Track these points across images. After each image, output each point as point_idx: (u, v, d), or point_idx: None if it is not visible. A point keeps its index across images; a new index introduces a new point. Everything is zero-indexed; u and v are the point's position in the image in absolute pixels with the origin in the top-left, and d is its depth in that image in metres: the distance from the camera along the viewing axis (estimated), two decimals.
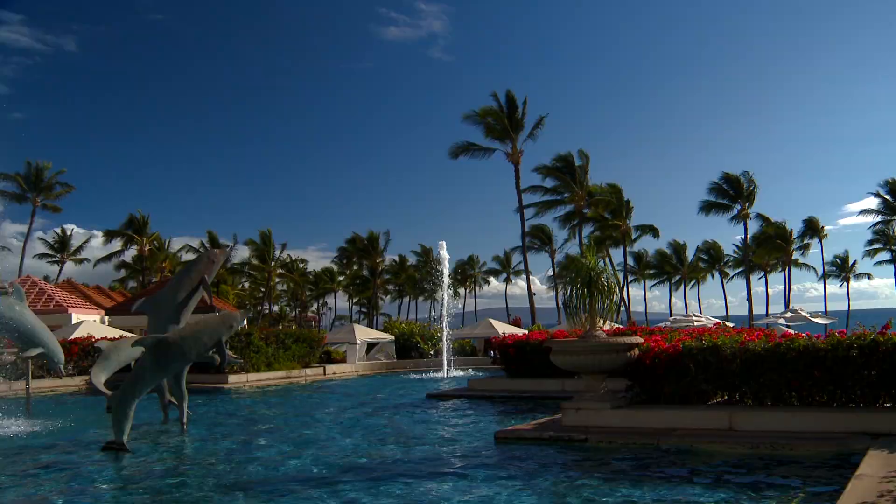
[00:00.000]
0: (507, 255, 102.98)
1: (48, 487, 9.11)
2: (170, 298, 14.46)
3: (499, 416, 15.75)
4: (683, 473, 8.84)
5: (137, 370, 12.05)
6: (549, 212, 69.06)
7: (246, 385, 25.64)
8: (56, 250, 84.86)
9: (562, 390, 17.88)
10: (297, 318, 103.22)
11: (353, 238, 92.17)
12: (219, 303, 49.28)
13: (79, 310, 44.01)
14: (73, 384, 25.20)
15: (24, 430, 14.24)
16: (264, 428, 14.73)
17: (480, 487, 8.44)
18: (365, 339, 38.51)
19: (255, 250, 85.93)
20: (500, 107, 62.17)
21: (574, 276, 12.81)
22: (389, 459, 10.61)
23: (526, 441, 11.45)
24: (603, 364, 12.03)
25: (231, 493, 8.55)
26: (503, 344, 21.95)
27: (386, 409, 17.59)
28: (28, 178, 72.83)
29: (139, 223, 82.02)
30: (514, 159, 62.28)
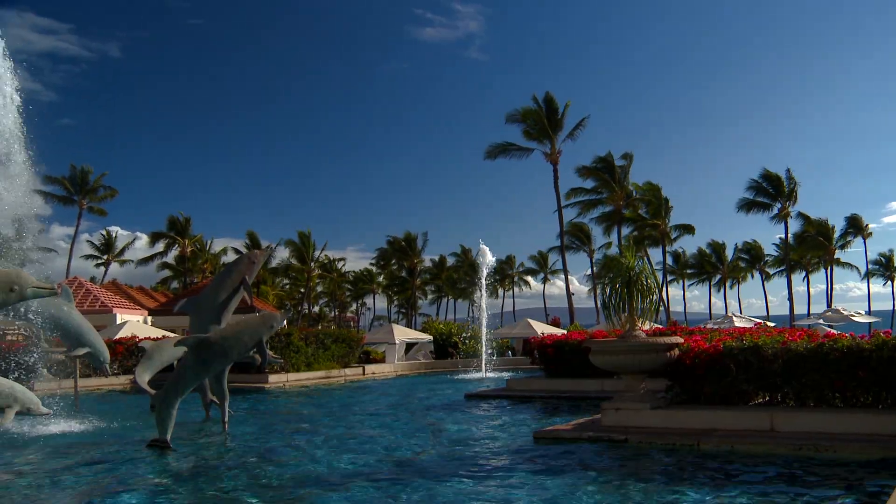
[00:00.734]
0: (542, 255, 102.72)
1: (95, 483, 9.29)
2: (211, 299, 14.62)
3: (538, 416, 15.73)
4: (724, 475, 8.74)
5: (180, 370, 12.18)
6: (588, 212, 68.82)
7: (286, 385, 25.86)
8: (101, 252, 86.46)
9: (601, 390, 17.81)
10: (336, 318, 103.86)
11: (392, 239, 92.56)
12: (259, 303, 49.82)
13: (123, 310, 44.74)
14: (118, 383, 25.61)
15: (73, 428, 14.51)
16: (304, 427, 14.85)
17: (519, 487, 8.43)
18: (404, 339, 38.64)
19: (294, 251, 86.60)
20: (540, 107, 62.02)
21: (613, 275, 12.77)
22: (428, 459, 10.65)
23: (565, 441, 11.42)
24: (642, 364, 11.97)
25: (271, 491, 8.65)
26: (542, 344, 21.91)
27: (425, 409, 17.64)
28: (73, 181, 74.38)
29: (181, 225, 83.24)
30: (553, 159, 62.07)
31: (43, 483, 9.56)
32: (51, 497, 8.70)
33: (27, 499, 8.57)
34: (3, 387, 12.28)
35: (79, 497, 8.59)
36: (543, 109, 61.89)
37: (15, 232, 15.94)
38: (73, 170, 74.32)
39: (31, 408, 12.68)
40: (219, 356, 11.91)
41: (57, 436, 13.69)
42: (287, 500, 8.22)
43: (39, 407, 12.89)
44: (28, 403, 12.61)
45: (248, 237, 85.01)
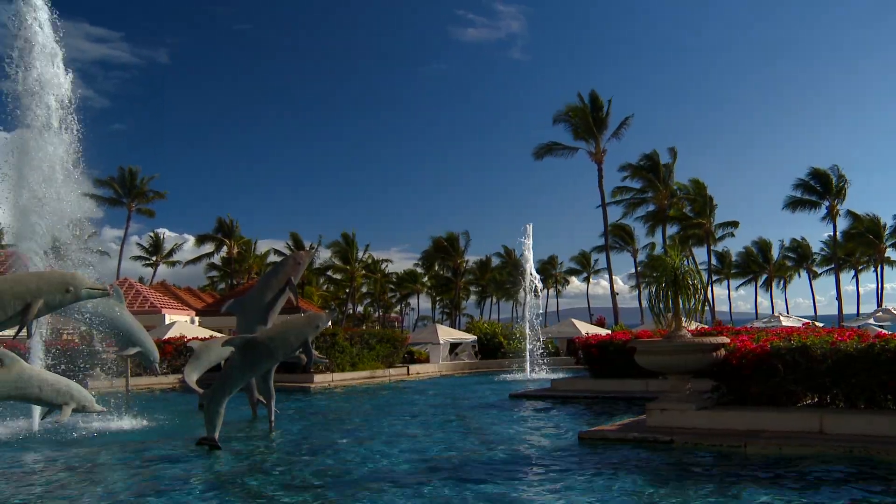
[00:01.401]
0: (584, 255, 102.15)
1: (146, 480, 9.51)
2: (257, 300, 14.83)
3: (582, 417, 15.70)
4: (772, 477, 8.66)
5: (227, 369, 12.36)
6: (632, 211, 68.34)
7: (331, 384, 26.06)
8: (150, 253, 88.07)
9: (646, 391, 17.72)
10: (381, 318, 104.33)
11: (435, 239, 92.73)
12: (304, 304, 50.28)
13: (171, 311, 45.51)
14: (167, 382, 26.01)
15: (125, 425, 14.82)
16: (349, 426, 14.98)
17: (565, 488, 8.44)
18: (448, 339, 38.67)
19: (338, 251, 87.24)
20: (585, 105, 61.80)
21: (658, 275, 12.71)
22: (473, 459, 10.69)
23: (610, 442, 11.40)
24: (688, 364, 11.89)
25: (317, 490, 8.76)
26: (586, 344, 21.83)
27: (469, 409, 17.69)
28: (122, 184, 75.89)
29: (228, 227, 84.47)
30: (598, 158, 61.78)
31: (96, 479, 9.83)
32: (103, 493, 8.91)
33: (81, 494, 8.80)
34: (60, 385, 12.60)
35: (130, 493, 8.79)
36: (588, 107, 61.66)
37: (70, 235, 16.31)
38: (121, 172, 75.91)
39: (86, 405, 13.00)
40: (265, 356, 12.06)
41: (109, 433, 14.01)
42: (331, 498, 8.30)
43: (94, 405, 13.21)
44: (83, 401, 12.93)
45: (292, 238, 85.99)
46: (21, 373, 12.18)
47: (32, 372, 12.57)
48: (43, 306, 9.32)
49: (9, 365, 12.09)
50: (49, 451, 12.23)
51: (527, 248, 35.37)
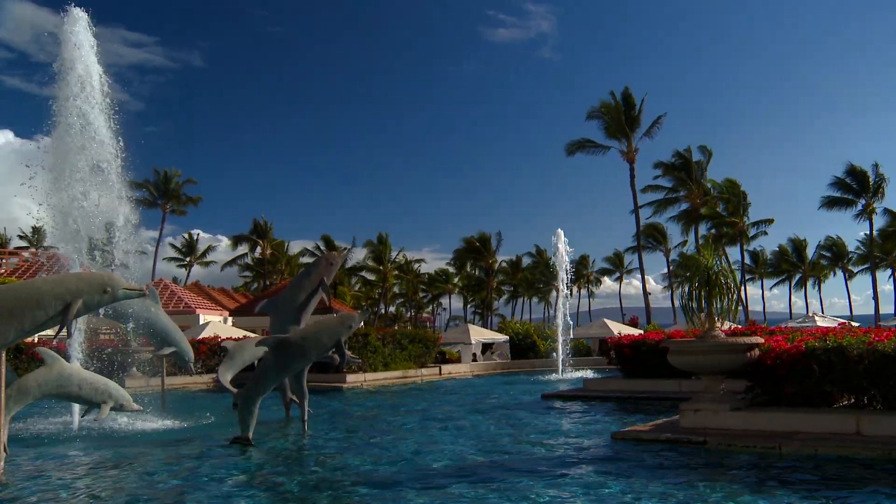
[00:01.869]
0: (618, 255, 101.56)
1: (181, 477, 9.63)
2: (290, 300, 14.94)
3: (615, 417, 15.65)
4: (808, 480, 8.56)
5: (261, 369, 12.45)
6: (664, 210, 67.83)
7: (363, 384, 26.20)
8: (184, 254, 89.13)
9: (679, 391, 17.62)
10: (413, 318, 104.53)
11: (466, 239, 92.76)
12: (336, 304, 50.56)
13: (205, 311, 46.02)
14: (201, 381, 26.31)
15: (161, 424, 15.03)
16: (381, 426, 15.05)
17: (597, 488, 8.43)
18: (480, 339, 38.73)
19: (371, 252, 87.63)
20: (617, 104, 61.53)
21: (691, 274, 12.64)
22: (506, 459, 10.70)
23: (643, 442, 11.37)
24: (722, 364, 11.82)
25: (350, 489, 8.83)
26: (619, 344, 21.75)
27: (502, 409, 17.70)
28: (157, 186, 76.99)
29: (262, 228, 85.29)
30: (630, 157, 61.51)
31: (134, 475, 9.99)
32: (138, 489, 9.05)
33: (117, 491, 8.96)
34: (98, 384, 12.81)
35: (167, 490, 8.93)
36: (622, 106, 61.37)
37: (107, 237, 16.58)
38: (156, 174, 77.04)
39: (123, 404, 13.20)
40: (298, 356, 12.12)
41: (146, 431, 14.23)
42: (364, 498, 8.36)
43: (131, 403, 13.41)
44: (121, 400, 13.13)
45: (324, 240, 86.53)
46: (62, 371, 12.41)
47: (73, 371, 12.79)
48: (82, 307, 9.46)
49: (50, 364, 12.32)
50: (89, 447, 12.49)
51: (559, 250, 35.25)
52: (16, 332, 8.99)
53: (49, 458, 11.48)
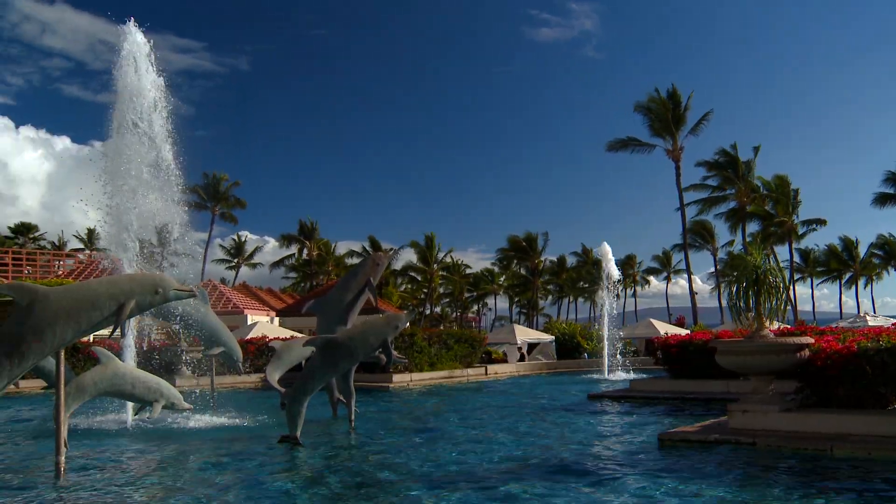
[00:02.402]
0: (666, 254, 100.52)
1: (230, 475, 9.79)
2: (337, 300, 15.06)
3: (662, 418, 15.53)
4: (862, 483, 8.43)
5: (308, 369, 12.52)
6: (711, 209, 67.00)
7: (409, 384, 26.30)
8: (232, 255, 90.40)
9: (727, 392, 17.43)
10: (458, 318, 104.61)
11: (512, 239, 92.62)
12: (382, 304, 50.83)
13: (253, 311, 46.58)
14: (249, 381, 26.61)
15: (210, 422, 15.28)
16: (428, 426, 15.13)
17: (644, 489, 8.40)
18: (525, 339, 38.66)
19: (417, 252, 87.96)
20: (663, 101, 60.94)
21: (739, 274, 12.50)
22: (552, 459, 10.70)
23: (691, 443, 11.26)
24: (771, 365, 11.67)
25: (397, 488, 8.89)
26: (665, 344, 21.57)
27: (547, 410, 17.68)
28: (207, 189, 78.33)
29: (308, 229, 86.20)
30: (675, 156, 60.87)
31: (183, 474, 10.19)
32: (188, 486, 9.26)
33: (169, 489, 9.16)
34: (151, 382, 13.10)
35: (217, 487, 9.09)
36: (668, 103, 60.75)
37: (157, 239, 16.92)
38: (206, 177, 78.43)
39: (174, 403, 13.47)
40: (346, 356, 12.17)
41: (196, 429, 14.48)
42: (410, 497, 8.40)
43: (182, 402, 13.67)
44: (172, 399, 13.39)
45: (370, 241, 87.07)
46: (116, 370, 12.72)
47: (126, 370, 13.09)
48: (135, 307, 9.67)
49: (105, 363, 12.64)
50: (141, 444, 12.76)
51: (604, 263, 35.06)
52: (73, 331, 9.22)
53: (105, 453, 11.80)
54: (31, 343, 8.95)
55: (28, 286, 9.49)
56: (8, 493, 8.93)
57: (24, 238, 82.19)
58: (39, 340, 8.98)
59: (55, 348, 9.32)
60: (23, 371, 9.23)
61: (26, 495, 8.79)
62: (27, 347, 8.95)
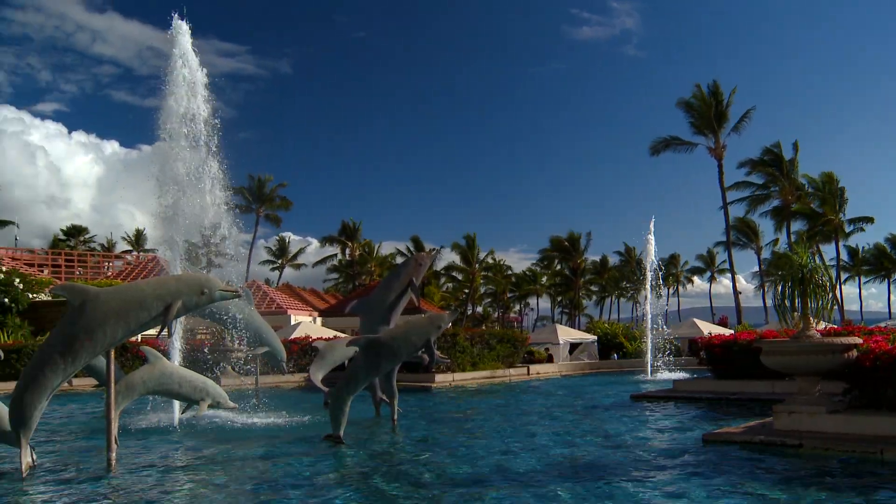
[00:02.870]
0: (710, 253, 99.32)
1: (274, 473, 9.92)
2: (380, 300, 15.16)
3: (706, 418, 15.39)
4: None
5: (352, 369, 12.58)
6: (755, 208, 66.06)
7: (452, 384, 26.34)
8: (276, 256, 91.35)
9: (772, 392, 17.21)
10: (500, 318, 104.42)
11: (554, 239, 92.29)
12: (424, 304, 51.00)
13: (296, 311, 47.03)
14: (293, 380, 26.85)
15: (255, 421, 15.47)
16: (470, 425, 15.18)
17: (689, 491, 8.34)
18: (567, 339, 38.47)
19: (459, 253, 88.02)
20: (704, 97, 60.29)
21: (784, 273, 12.34)
22: (595, 459, 10.68)
23: (736, 444, 11.15)
24: (817, 365, 11.50)
25: (439, 487, 8.93)
26: (709, 344, 21.34)
27: (590, 410, 17.61)
28: (252, 191, 79.42)
29: (351, 230, 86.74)
30: (718, 154, 60.19)
31: (228, 471, 10.34)
32: (232, 483, 9.42)
33: (215, 486, 9.31)
34: (197, 381, 13.32)
35: (258, 485, 9.22)
36: (709, 100, 60.07)
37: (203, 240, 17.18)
38: (251, 180, 79.50)
39: (220, 402, 13.68)
40: (389, 356, 12.22)
41: (241, 428, 14.68)
42: (452, 497, 8.44)
43: (227, 401, 13.88)
44: (218, 397, 13.60)
45: (413, 241, 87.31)
46: (164, 370, 12.96)
47: (173, 369, 13.33)
48: (181, 307, 9.87)
49: (153, 362, 12.88)
50: (188, 442, 12.99)
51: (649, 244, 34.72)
52: (122, 331, 9.45)
53: (153, 450, 12.04)
54: (84, 342, 9.19)
55: (80, 287, 9.74)
56: (62, 487, 9.19)
57: (74, 240, 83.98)
58: (91, 340, 9.22)
59: (106, 347, 9.55)
60: (76, 369, 9.48)
61: (79, 489, 9.06)
62: (80, 346, 9.19)
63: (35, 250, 59.24)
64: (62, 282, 43.67)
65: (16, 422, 9.45)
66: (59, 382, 9.35)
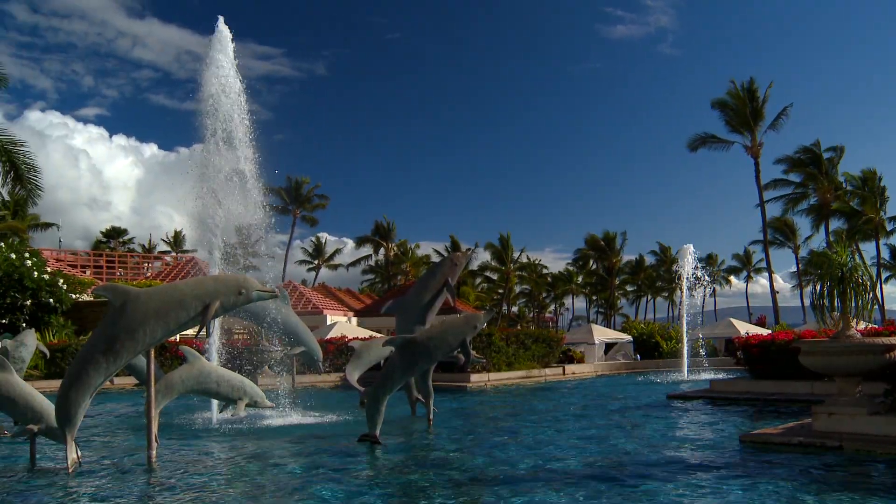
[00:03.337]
0: (747, 252, 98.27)
1: (310, 472, 9.97)
2: (416, 300, 15.20)
3: (743, 419, 15.24)
4: None
5: (388, 368, 12.57)
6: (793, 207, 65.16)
7: (487, 384, 26.34)
8: (312, 257, 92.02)
9: (810, 393, 17.01)
10: (535, 318, 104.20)
11: (590, 238, 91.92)
12: (460, 304, 51.06)
13: (332, 311, 47.35)
14: (329, 380, 27.04)
15: (292, 420, 15.61)
16: (505, 425, 15.17)
17: (726, 492, 8.28)
18: (603, 339, 38.35)
19: (494, 252, 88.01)
20: (740, 94, 59.62)
21: (823, 272, 12.19)
22: (631, 460, 10.62)
23: (773, 446, 11.05)
24: (858, 366, 11.34)
25: (473, 487, 8.96)
26: (746, 344, 21.13)
27: (626, 410, 17.53)
28: (289, 192, 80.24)
29: (385, 230, 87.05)
30: (754, 152, 59.51)
31: (265, 469, 10.47)
32: (269, 481, 9.55)
33: (254, 484, 9.43)
34: (235, 381, 13.47)
35: (295, 483, 9.31)
36: (745, 97, 59.37)
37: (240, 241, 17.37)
38: (289, 181, 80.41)
39: (257, 401, 13.82)
40: (424, 356, 12.21)
41: (278, 428, 14.82)
42: (487, 496, 8.47)
43: (265, 400, 14.01)
44: (255, 397, 13.75)
45: (451, 240, 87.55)
46: (202, 369, 13.12)
47: (211, 368, 13.49)
48: (219, 307, 10.00)
49: (191, 362, 13.06)
50: (227, 441, 13.16)
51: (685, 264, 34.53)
52: (162, 331, 9.59)
53: (192, 448, 12.23)
54: (125, 341, 9.36)
55: (121, 288, 9.91)
56: (105, 482, 9.37)
57: (114, 241, 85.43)
58: (132, 339, 9.39)
59: (146, 347, 9.71)
60: (117, 368, 9.65)
61: (122, 485, 9.24)
62: (121, 346, 9.36)
63: (78, 252, 60.48)
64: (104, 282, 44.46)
65: (61, 419, 9.66)
66: (101, 381, 9.53)
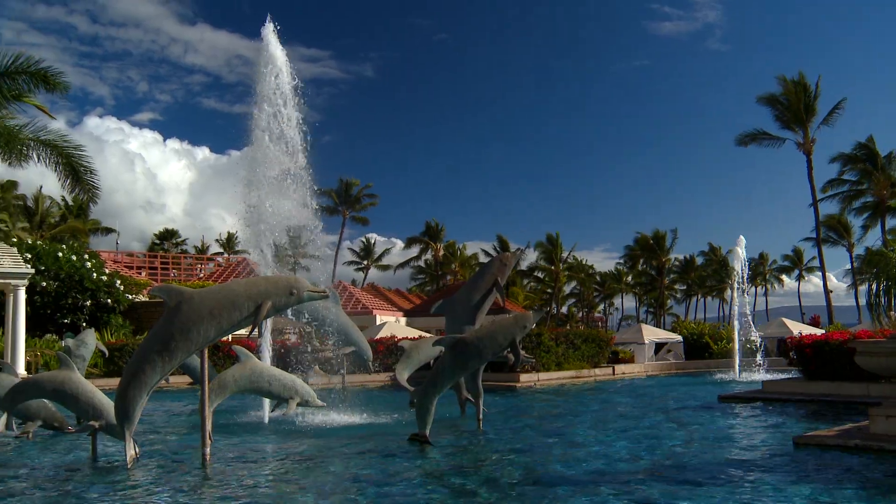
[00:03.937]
0: (797, 251, 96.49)
1: (361, 472, 10.07)
2: (465, 300, 15.24)
3: (796, 421, 14.99)
4: None
5: (437, 368, 12.54)
6: (848, 205, 63.69)
7: (536, 384, 26.29)
8: (361, 257, 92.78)
9: (866, 395, 16.65)
10: (584, 318, 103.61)
11: (639, 237, 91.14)
12: (509, 304, 51.00)
13: (381, 311, 47.66)
14: (379, 379, 27.18)
15: (342, 420, 15.75)
16: (555, 425, 15.13)
17: (780, 495, 8.16)
18: (653, 339, 37.97)
19: (542, 252, 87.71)
20: (792, 90, 58.43)
21: (879, 271, 11.98)
22: (683, 461, 10.53)
23: (828, 448, 10.84)
24: None
25: (523, 488, 8.94)
26: (799, 344, 20.78)
27: (677, 411, 17.36)
28: (340, 193, 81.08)
29: (434, 230, 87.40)
30: (807, 149, 58.26)
31: (315, 468, 10.58)
32: (320, 481, 9.62)
33: (306, 482, 9.55)
34: (286, 380, 13.65)
35: (346, 482, 9.40)
36: (798, 91, 58.19)
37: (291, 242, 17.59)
38: (340, 182, 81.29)
39: (308, 400, 13.98)
40: (474, 355, 12.19)
41: (328, 427, 14.97)
42: (537, 496, 8.45)
43: (315, 400, 14.17)
44: (306, 396, 13.91)
45: (498, 240, 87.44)
46: (254, 368, 13.33)
47: (263, 368, 13.69)
48: (271, 308, 10.15)
49: (244, 361, 13.27)
50: (279, 439, 13.35)
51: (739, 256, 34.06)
52: (216, 330, 9.78)
53: (245, 446, 12.42)
54: (180, 341, 9.57)
55: (176, 288, 10.13)
56: (161, 478, 9.60)
57: (167, 243, 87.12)
58: (186, 339, 9.59)
59: (200, 346, 9.91)
60: (172, 367, 9.87)
61: (178, 481, 9.45)
62: (176, 345, 9.57)
63: (134, 253, 61.80)
64: (159, 283, 45.38)
65: (120, 416, 9.91)
66: (157, 379, 9.76)
